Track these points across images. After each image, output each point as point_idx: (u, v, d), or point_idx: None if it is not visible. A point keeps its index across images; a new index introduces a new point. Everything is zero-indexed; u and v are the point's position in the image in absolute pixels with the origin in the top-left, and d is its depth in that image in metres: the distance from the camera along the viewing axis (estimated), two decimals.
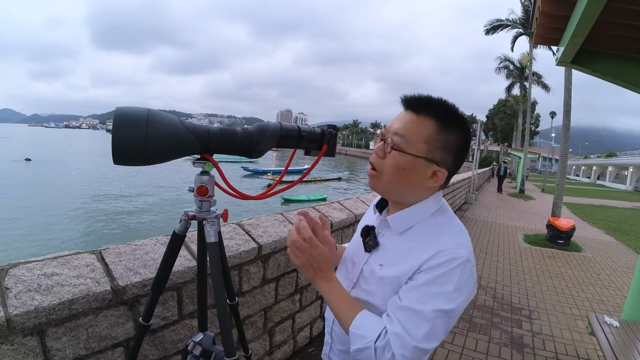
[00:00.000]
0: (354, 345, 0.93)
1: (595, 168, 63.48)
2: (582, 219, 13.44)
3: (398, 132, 0.98)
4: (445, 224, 1.02)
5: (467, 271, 0.93)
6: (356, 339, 0.93)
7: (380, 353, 0.89)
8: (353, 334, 0.94)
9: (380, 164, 1.01)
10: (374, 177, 1.03)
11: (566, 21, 2.49)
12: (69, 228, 13.51)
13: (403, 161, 0.97)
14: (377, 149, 1.03)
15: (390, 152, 0.98)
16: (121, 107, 0.93)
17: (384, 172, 1.00)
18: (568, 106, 9.51)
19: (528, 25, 24.85)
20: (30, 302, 1.20)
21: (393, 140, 0.98)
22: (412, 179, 0.99)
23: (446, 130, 0.97)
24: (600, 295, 5.29)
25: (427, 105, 0.98)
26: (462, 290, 0.91)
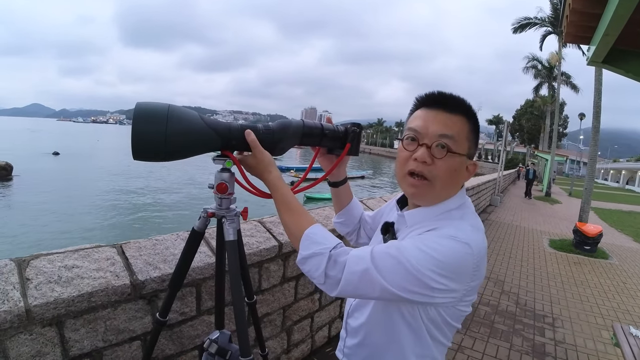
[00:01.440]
0: (306, 250, 0.94)
1: (624, 172, 61.76)
2: (609, 224, 13.11)
3: (446, 134, 0.95)
4: (458, 216, 0.99)
5: (463, 253, 0.87)
6: (310, 244, 0.94)
7: (332, 262, 0.90)
8: (308, 237, 0.96)
9: (430, 171, 0.95)
10: (423, 187, 0.97)
11: (598, 19, 2.41)
12: (94, 221, 13.77)
13: (455, 163, 0.96)
14: (424, 156, 0.94)
15: (445, 156, 0.94)
16: (141, 102, 0.92)
17: (439, 178, 0.96)
18: (598, 108, 9.26)
19: (557, 24, 24.32)
20: (50, 294, 1.22)
21: (446, 143, 0.94)
22: (458, 179, 1.00)
23: (474, 126, 0.99)
24: (627, 305, 5.14)
25: (459, 102, 0.98)
26: (448, 269, 0.85)
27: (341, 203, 1.40)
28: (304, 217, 1.01)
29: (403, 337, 1.01)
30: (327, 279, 0.91)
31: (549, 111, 34.80)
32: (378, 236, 1.17)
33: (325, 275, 0.91)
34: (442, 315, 0.96)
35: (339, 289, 0.90)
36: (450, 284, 0.87)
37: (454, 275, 0.87)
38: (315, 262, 0.92)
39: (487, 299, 4.70)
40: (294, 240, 1.00)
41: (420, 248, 0.86)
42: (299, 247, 0.96)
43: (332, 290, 0.92)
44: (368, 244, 1.35)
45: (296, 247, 0.98)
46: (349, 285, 0.89)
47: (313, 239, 0.95)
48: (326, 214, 2.81)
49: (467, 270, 0.89)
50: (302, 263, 0.95)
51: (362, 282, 0.88)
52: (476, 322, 3.96)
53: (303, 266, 0.95)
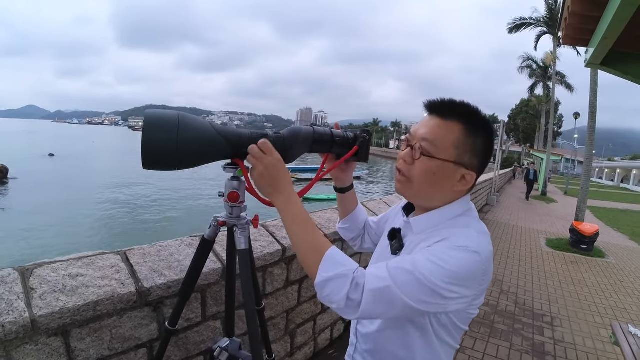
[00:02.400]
0: (328, 272, 0.89)
1: (619, 171, 62.06)
2: (605, 223, 13.17)
3: (426, 138, 0.97)
4: (464, 224, 1.00)
5: (472, 262, 0.89)
6: (332, 265, 0.90)
7: (354, 285, 0.87)
8: (331, 258, 0.92)
9: (409, 170, 1.01)
10: (403, 183, 1.03)
11: (596, 22, 2.42)
12: (93, 226, 13.64)
13: (433, 167, 0.97)
14: (405, 155, 1.02)
15: (420, 158, 0.97)
16: (151, 111, 0.91)
17: (414, 178, 1.00)
18: (594, 107, 9.29)
19: (552, 24, 24.41)
20: (55, 303, 1.21)
21: (422, 146, 0.97)
22: (441, 184, 0.99)
23: (473, 134, 0.97)
24: (624, 304, 5.17)
25: (453, 109, 0.98)
26: (460, 278, 0.87)
27: (347, 209, 1.40)
28: (322, 237, 0.98)
29: (414, 343, 1.02)
30: (348, 303, 0.87)
31: (544, 110, 34.94)
32: (384, 242, 1.18)
33: (347, 299, 0.87)
34: (451, 319, 0.98)
35: (360, 311, 0.87)
36: (462, 291, 0.88)
37: (466, 282, 0.88)
38: (338, 285, 0.88)
39: (487, 299, 4.71)
40: (312, 261, 0.93)
41: (432, 261, 0.87)
42: (317, 269, 0.91)
43: (353, 313, 0.88)
44: (372, 249, 1.35)
45: (312, 268, 0.92)
46: (370, 306, 0.86)
47: (336, 260, 0.92)
48: (328, 217, 2.81)
49: (477, 277, 0.90)
50: (323, 286, 0.89)
51: (382, 300, 0.86)
52: (476, 322, 3.97)
53: (323, 289, 0.89)
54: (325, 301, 0.91)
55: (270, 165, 0.99)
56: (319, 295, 0.91)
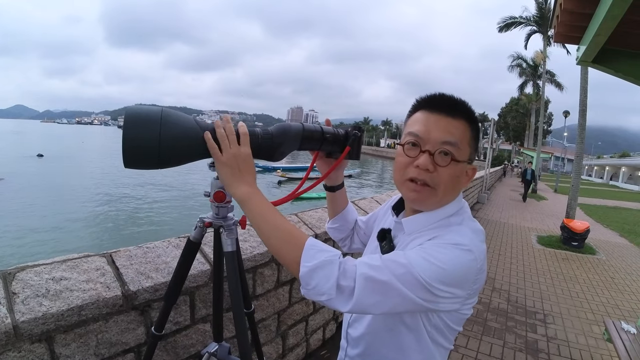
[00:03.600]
0: (312, 260, 0.83)
1: (608, 168, 62.71)
2: (595, 220, 13.27)
3: (449, 141, 0.92)
4: (457, 222, 0.97)
5: (466, 260, 0.85)
6: (316, 253, 0.84)
7: (342, 270, 0.82)
8: (313, 246, 0.86)
9: (433, 178, 0.93)
10: (427, 193, 0.95)
11: (588, 19, 2.41)
12: (80, 227, 13.49)
13: (458, 170, 0.94)
14: (426, 163, 0.91)
15: (449, 164, 0.92)
16: (132, 107, 0.86)
17: (441, 186, 0.93)
18: (584, 105, 9.35)
19: (542, 22, 24.60)
20: (38, 308, 1.17)
21: (450, 151, 0.91)
22: (459, 185, 0.97)
23: (475, 130, 0.97)
24: (615, 300, 5.20)
25: (459, 106, 0.95)
26: (452, 276, 0.84)
27: (337, 208, 1.37)
28: (297, 228, 0.93)
29: (406, 345, 0.99)
30: (339, 291, 0.81)
31: (534, 109, 35.20)
32: (374, 242, 1.14)
33: (338, 287, 0.81)
34: (444, 320, 0.95)
35: (354, 300, 0.81)
36: (454, 291, 0.85)
37: (459, 282, 0.85)
38: (325, 273, 0.82)
39: (479, 297, 4.70)
40: (291, 253, 0.87)
41: (425, 258, 0.83)
42: (300, 259, 0.84)
43: (346, 302, 0.82)
44: (362, 249, 1.32)
45: (293, 261, 0.86)
46: (364, 293, 0.81)
47: (318, 248, 0.86)
48: (319, 216, 2.78)
49: (470, 276, 0.87)
50: (309, 277, 0.83)
51: (377, 288, 0.81)
52: (469, 321, 3.97)
53: (310, 280, 0.83)
54: (313, 294, 0.83)
55: (240, 156, 0.95)
56: (305, 289, 0.84)
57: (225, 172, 0.95)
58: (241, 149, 0.95)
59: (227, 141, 0.94)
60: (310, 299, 0.84)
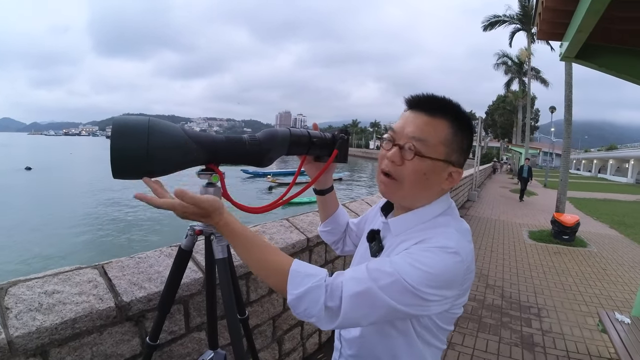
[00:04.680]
0: (299, 288, 0.84)
1: (596, 161, 63.33)
2: (585, 213, 13.39)
3: (417, 136, 0.93)
4: (443, 224, 0.98)
5: (452, 263, 0.86)
6: (302, 279, 0.85)
7: (329, 292, 0.83)
8: (297, 273, 0.87)
9: (398, 171, 0.96)
10: (391, 185, 0.98)
11: (570, 16, 2.45)
12: (72, 240, 13.35)
13: (424, 166, 0.93)
14: (393, 155, 0.96)
15: (413, 158, 0.93)
16: (120, 117, 0.86)
17: (405, 179, 0.95)
18: (569, 100, 9.44)
19: (526, 20, 24.86)
20: (31, 323, 1.16)
21: (414, 145, 0.93)
22: (431, 184, 0.97)
23: (460, 131, 0.95)
24: (608, 291, 5.26)
25: (440, 105, 0.95)
26: (440, 280, 0.84)
27: (327, 211, 1.37)
28: (281, 254, 0.93)
29: (398, 348, 1.00)
30: (327, 312, 0.83)
31: (521, 105, 35.55)
32: (364, 244, 1.15)
33: (326, 308, 0.83)
34: (434, 321, 0.96)
35: (340, 317, 0.83)
36: (443, 293, 0.86)
37: (447, 284, 0.86)
38: (313, 297, 0.84)
39: (473, 294, 4.74)
40: (277, 281, 0.89)
41: (412, 264, 0.84)
42: (286, 287, 0.86)
43: (332, 321, 0.84)
44: (354, 251, 1.33)
45: (281, 288, 0.88)
46: (350, 310, 0.83)
47: (304, 273, 0.87)
48: (310, 220, 2.78)
49: (458, 278, 0.88)
50: (297, 302, 0.85)
51: (364, 303, 0.82)
52: (464, 318, 3.99)
53: (299, 305, 0.85)
54: (303, 316, 0.85)
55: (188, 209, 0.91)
56: (295, 312, 0.86)
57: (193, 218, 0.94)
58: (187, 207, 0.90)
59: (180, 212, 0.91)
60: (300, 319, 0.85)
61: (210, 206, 0.92)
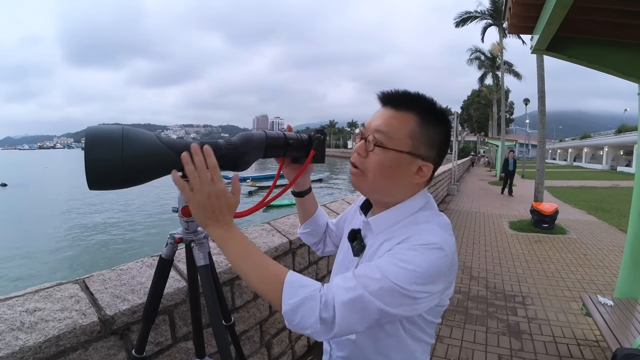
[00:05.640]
0: (294, 298, 0.83)
1: (571, 150, 64.63)
2: (563, 201, 13.63)
3: (379, 129, 0.95)
4: (424, 220, 0.98)
5: (437, 258, 0.87)
6: (297, 290, 0.84)
7: (324, 303, 0.82)
8: (292, 283, 0.85)
9: (362, 163, 0.98)
10: (358, 176, 1.00)
11: (539, 9, 2.49)
12: (52, 256, 13.05)
13: (387, 158, 0.94)
14: (359, 147, 1.00)
15: (373, 149, 0.95)
16: (93, 127, 0.84)
17: (368, 170, 0.97)
18: (542, 92, 9.63)
19: (497, 16, 25.27)
20: (14, 343, 1.12)
21: (375, 137, 0.95)
22: (397, 176, 0.97)
23: (428, 124, 0.96)
24: (590, 275, 5.38)
25: (407, 99, 0.96)
26: (427, 276, 0.85)
27: (307, 213, 1.37)
28: (274, 264, 0.92)
29: (388, 347, 1.00)
30: (322, 323, 0.81)
31: (495, 99, 36.03)
32: (345, 243, 1.15)
33: (321, 320, 0.81)
34: (422, 316, 0.96)
35: (336, 326, 0.81)
36: (431, 289, 0.87)
37: (434, 279, 0.87)
38: (308, 308, 0.82)
39: (458, 287, 4.79)
40: (272, 292, 0.87)
41: (397, 264, 0.85)
42: (281, 298, 0.84)
43: (328, 332, 0.82)
44: (335, 251, 1.33)
45: (275, 299, 0.86)
46: (344, 318, 0.81)
47: (298, 284, 0.86)
48: (291, 222, 2.77)
49: (444, 272, 0.89)
50: (292, 313, 0.83)
51: (356, 309, 0.82)
52: (450, 311, 4.03)
53: (294, 316, 0.83)
54: (297, 328, 0.84)
55: (213, 194, 0.90)
56: (290, 324, 0.84)
57: (198, 212, 0.92)
58: (214, 186, 0.90)
59: (198, 179, 0.89)
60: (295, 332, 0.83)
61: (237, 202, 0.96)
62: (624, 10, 2.46)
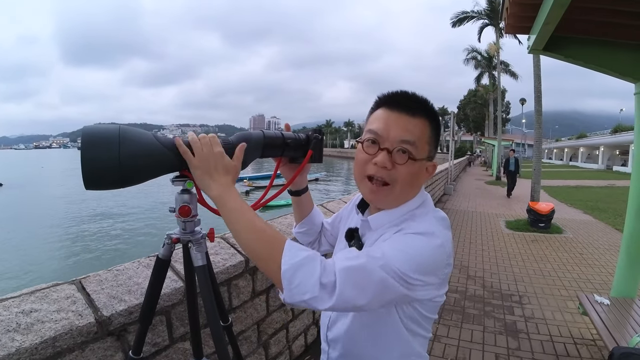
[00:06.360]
0: (295, 258, 0.81)
1: (567, 150, 64.84)
2: (559, 200, 13.68)
3: (408, 140, 0.93)
4: (421, 215, 0.99)
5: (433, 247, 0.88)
6: (297, 252, 0.83)
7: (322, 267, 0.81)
8: (292, 245, 0.85)
9: (390, 176, 0.94)
10: (383, 191, 0.96)
11: (537, 9, 2.50)
12: (49, 256, 12.98)
13: (416, 168, 0.95)
14: (384, 160, 0.93)
15: (407, 162, 0.93)
16: (89, 126, 0.84)
17: (398, 183, 0.95)
18: (539, 92, 9.65)
19: (494, 15, 25.33)
20: (10, 344, 1.12)
21: (408, 149, 0.92)
22: (418, 182, 0.99)
23: (436, 128, 0.98)
24: (586, 275, 5.40)
25: (419, 105, 0.96)
26: (423, 264, 0.85)
27: (303, 212, 1.36)
28: (275, 230, 0.90)
29: (384, 341, 1.00)
30: (322, 288, 0.79)
31: (492, 99, 36.06)
32: (342, 242, 1.15)
33: (321, 285, 0.79)
34: (418, 310, 0.96)
35: (336, 294, 0.79)
36: (427, 279, 0.87)
37: (431, 269, 0.88)
38: (309, 269, 0.80)
39: (455, 286, 4.80)
40: (271, 253, 0.84)
41: (395, 248, 0.85)
42: (281, 257, 0.82)
43: (329, 299, 0.79)
44: (330, 251, 1.33)
45: (274, 260, 0.82)
46: (346, 285, 0.79)
47: (298, 246, 0.85)
48: (288, 222, 2.77)
49: (441, 261, 0.90)
50: (292, 274, 0.80)
51: (360, 276, 0.81)
52: (448, 310, 4.03)
53: (293, 278, 0.80)
54: (296, 292, 0.80)
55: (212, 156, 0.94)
56: (287, 287, 0.80)
57: (199, 174, 0.94)
58: (213, 149, 0.94)
59: (199, 144, 0.94)
60: (291, 303, 0.80)
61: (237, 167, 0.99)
62: (621, 10, 2.47)
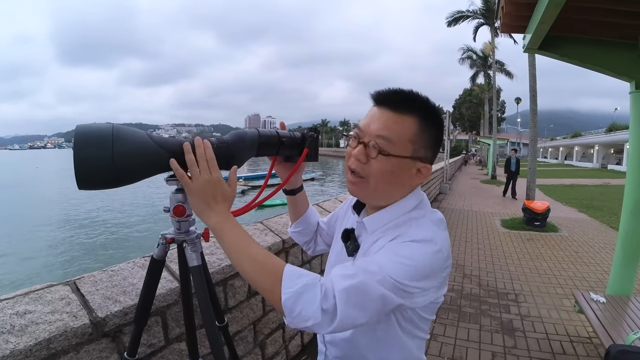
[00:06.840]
0: (295, 286, 0.81)
1: (562, 149, 65.02)
2: (555, 199, 13.73)
3: (382, 135, 0.91)
4: (417, 218, 0.97)
5: (431, 253, 0.87)
6: (297, 278, 0.83)
7: (323, 293, 0.80)
8: (292, 272, 0.84)
9: (364, 169, 0.94)
10: (359, 184, 0.97)
11: (532, 9, 2.50)
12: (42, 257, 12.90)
13: (390, 164, 0.92)
14: (358, 153, 0.94)
15: (377, 157, 0.91)
16: (82, 125, 0.83)
17: (371, 177, 0.94)
18: (534, 91, 9.68)
19: (489, 15, 25.40)
20: (5, 346, 1.10)
21: (378, 144, 0.91)
22: (399, 181, 0.95)
23: (428, 127, 0.94)
24: (582, 273, 5.41)
25: (408, 102, 0.93)
26: (422, 272, 0.84)
27: (298, 211, 1.36)
28: (273, 256, 0.90)
29: (381, 343, 1.00)
30: (323, 313, 0.79)
31: (487, 98, 36.18)
32: (338, 243, 1.14)
33: (322, 311, 0.79)
34: (417, 312, 0.96)
35: (338, 318, 0.79)
36: (426, 285, 0.86)
37: (428, 275, 0.87)
38: (309, 297, 0.80)
39: (451, 285, 4.80)
40: (270, 282, 0.84)
41: (391, 259, 0.84)
42: (280, 287, 0.82)
43: (330, 323, 0.79)
44: (326, 250, 1.32)
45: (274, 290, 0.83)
46: (346, 306, 0.79)
47: (298, 273, 0.84)
48: (284, 222, 2.76)
49: (439, 268, 0.89)
50: (293, 302, 0.80)
51: (359, 296, 0.80)
52: (444, 309, 4.04)
53: (294, 306, 0.80)
54: (298, 320, 0.80)
55: (210, 183, 0.92)
56: (289, 316, 0.81)
57: (196, 201, 0.93)
58: (211, 175, 0.92)
59: (196, 168, 0.92)
60: (294, 327, 0.80)
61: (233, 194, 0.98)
62: (616, 9, 2.48)
